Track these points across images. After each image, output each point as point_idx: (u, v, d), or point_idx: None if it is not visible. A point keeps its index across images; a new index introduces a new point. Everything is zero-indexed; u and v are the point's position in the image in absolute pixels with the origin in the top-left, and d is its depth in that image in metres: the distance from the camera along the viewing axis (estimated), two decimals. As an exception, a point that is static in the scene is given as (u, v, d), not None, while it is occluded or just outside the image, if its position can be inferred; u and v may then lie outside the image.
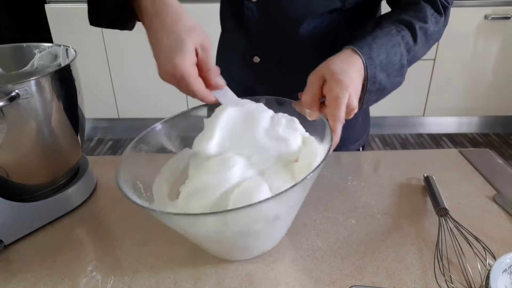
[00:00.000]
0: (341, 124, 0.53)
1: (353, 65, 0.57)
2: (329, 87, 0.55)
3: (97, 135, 2.69)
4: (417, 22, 0.64)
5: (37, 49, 0.70)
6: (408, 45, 0.64)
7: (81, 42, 2.34)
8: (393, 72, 0.63)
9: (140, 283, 0.52)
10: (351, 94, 0.54)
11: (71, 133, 0.64)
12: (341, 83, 0.54)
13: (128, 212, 0.65)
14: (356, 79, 0.57)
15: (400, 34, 0.63)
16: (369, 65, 0.59)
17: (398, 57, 0.62)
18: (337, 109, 0.53)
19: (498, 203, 0.65)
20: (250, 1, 0.71)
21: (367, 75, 0.59)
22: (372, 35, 0.62)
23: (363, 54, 0.58)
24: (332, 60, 0.58)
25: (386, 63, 0.61)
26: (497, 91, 2.49)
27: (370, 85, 0.60)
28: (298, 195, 0.50)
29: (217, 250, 0.55)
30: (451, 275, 0.51)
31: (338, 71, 0.55)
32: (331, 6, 0.69)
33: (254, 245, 0.54)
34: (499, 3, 2.26)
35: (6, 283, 0.52)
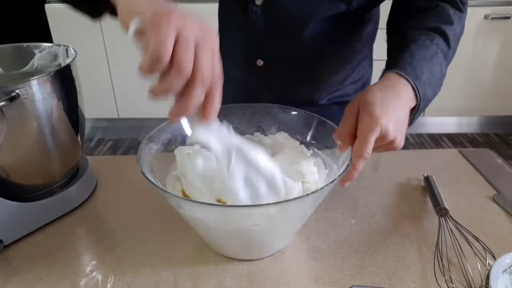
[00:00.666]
0: (363, 161, 0.50)
1: (394, 91, 0.53)
2: (360, 119, 0.51)
3: (97, 135, 2.69)
4: (445, 26, 0.61)
5: (37, 49, 0.70)
6: (444, 52, 0.60)
7: (81, 42, 2.34)
8: (436, 83, 0.59)
9: (140, 283, 0.52)
10: (385, 126, 0.50)
11: (71, 133, 0.64)
12: (372, 115, 0.50)
13: (128, 212, 0.65)
14: (396, 108, 0.52)
15: (434, 43, 0.60)
16: (418, 85, 0.55)
17: (438, 68, 0.59)
18: (363, 143, 0.49)
19: (498, 203, 0.65)
20: (255, 4, 0.70)
21: (419, 95, 0.55)
22: (407, 51, 0.58)
23: (409, 76, 0.54)
24: (370, 88, 0.53)
25: (430, 77, 0.57)
26: (497, 91, 2.49)
27: (421, 103, 0.57)
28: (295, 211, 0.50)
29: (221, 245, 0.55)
30: (451, 275, 0.51)
31: (372, 102, 0.51)
32: (336, 9, 0.68)
33: (254, 245, 0.54)
34: (499, 3, 2.26)
35: (6, 283, 0.52)
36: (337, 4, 0.68)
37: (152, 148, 0.56)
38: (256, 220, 0.47)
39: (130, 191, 0.70)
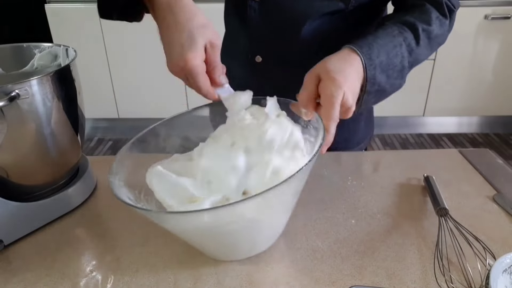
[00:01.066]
0: (334, 123, 0.52)
1: (350, 64, 0.56)
2: (323, 86, 0.54)
3: (97, 135, 2.69)
4: (421, 24, 0.63)
5: (37, 49, 0.70)
6: (410, 47, 0.63)
7: (81, 42, 2.34)
8: (393, 74, 0.62)
9: (140, 283, 0.52)
10: (346, 92, 0.53)
11: (71, 133, 0.64)
12: (335, 81, 0.53)
13: (128, 212, 0.65)
14: (353, 78, 0.56)
15: (402, 36, 0.62)
16: (368, 65, 0.58)
17: (399, 59, 0.61)
18: (331, 107, 0.52)
19: (498, 203, 0.65)
20: (253, 0, 0.71)
21: (367, 75, 0.58)
22: (374, 35, 0.61)
23: (363, 54, 0.58)
24: (328, 58, 0.57)
25: (386, 64, 0.60)
26: (497, 91, 2.49)
27: (369, 86, 0.59)
28: (278, 198, 0.49)
29: (209, 249, 0.55)
30: (451, 275, 0.51)
31: (333, 70, 0.54)
32: (333, 7, 0.69)
33: (241, 245, 0.54)
34: (499, 3, 2.26)
35: (6, 283, 0.52)
36: (335, 2, 0.68)
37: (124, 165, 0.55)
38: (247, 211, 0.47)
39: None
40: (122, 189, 0.50)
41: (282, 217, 0.55)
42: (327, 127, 0.52)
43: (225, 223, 0.47)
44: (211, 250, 0.55)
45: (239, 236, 0.51)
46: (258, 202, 0.44)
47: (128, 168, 0.54)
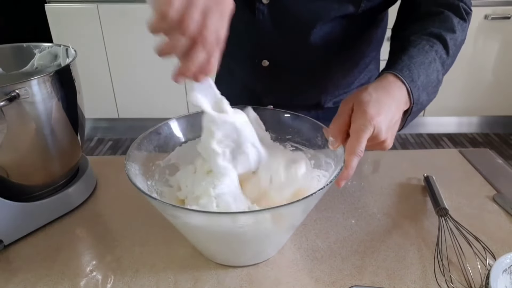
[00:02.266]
0: (357, 158, 0.49)
1: (389, 93, 0.53)
2: (354, 118, 0.51)
3: (97, 135, 2.69)
4: (447, 34, 0.61)
5: (37, 49, 0.70)
6: (442, 59, 0.61)
7: (81, 42, 2.34)
8: (431, 89, 0.60)
9: (140, 283, 0.52)
10: (378, 126, 0.50)
11: (71, 133, 0.64)
12: (365, 114, 0.50)
13: (128, 212, 0.65)
14: (389, 109, 0.52)
15: (434, 49, 0.60)
16: (413, 88, 0.55)
17: (435, 74, 0.60)
18: (356, 141, 0.49)
19: (498, 203, 0.65)
20: (262, 3, 0.69)
21: (413, 99, 0.55)
22: (407, 54, 0.58)
23: (405, 78, 0.55)
24: (366, 87, 0.54)
25: (426, 83, 0.58)
26: (497, 91, 2.49)
27: (414, 107, 0.57)
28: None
29: (213, 252, 0.55)
30: (451, 275, 0.51)
31: (367, 101, 0.51)
32: (344, 11, 0.67)
33: (246, 252, 0.54)
34: (499, 3, 2.26)
35: (6, 283, 0.52)
36: (345, 6, 0.67)
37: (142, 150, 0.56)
38: (247, 224, 0.47)
39: (130, 191, 0.69)
40: (138, 177, 0.50)
41: (289, 232, 0.55)
42: (348, 161, 0.49)
43: (237, 227, 0.47)
44: (215, 254, 0.55)
45: (245, 243, 0.51)
46: (272, 215, 0.45)
47: (142, 159, 0.54)
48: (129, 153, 0.52)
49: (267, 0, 0.68)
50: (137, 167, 0.53)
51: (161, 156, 0.59)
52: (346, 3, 0.66)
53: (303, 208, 0.50)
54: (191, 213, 0.46)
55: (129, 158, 0.51)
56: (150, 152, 0.57)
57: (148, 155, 0.57)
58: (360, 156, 0.50)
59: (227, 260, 0.55)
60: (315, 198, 0.46)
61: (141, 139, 0.56)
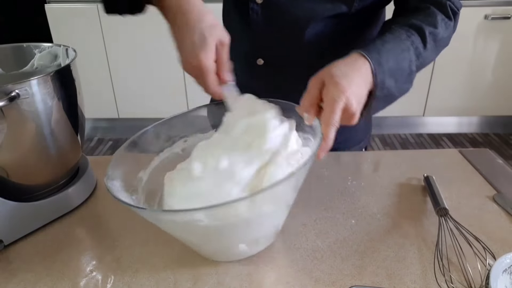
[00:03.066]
0: (333, 129, 0.51)
1: (357, 69, 0.55)
2: (326, 90, 0.53)
3: (97, 135, 2.69)
4: (427, 27, 0.63)
5: (37, 49, 0.70)
6: (418, 51, 0.62)
7: (81, 42, 2.34)
8: (401, 78, 0.61)
9: (140, 283, 0.52)
10: (349, 98, 0.52)
11: (71, 133, 0.64)
12: (338, 86, 0.52)
13: (128, 212, 0.65)
14: (358, 84, 0.54)
15: (410, 39, 0.61)
16: (378, 70, 0.56)
17: (407, 63, 0.61)
18: (331, 113, 0.51)
19: (498, 203, 0.65)
20: (255, 3, 0.71)
21: (376, 81, 0.57)
22: (382, 39, 0.60)
23: (372, 59, 0.56)
24: (335, 63, 0.56)
25: (395, 69, 0.59)
26: (497, 91, 2.49)
27: (378, 91, 0.58)
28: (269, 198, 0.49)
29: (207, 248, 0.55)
30: (451, 275, 0.51)
31: (338, 74, 0.53)
32: (336, 10, 0.68)
33: (238, 245, 0.53)
34: (499, 3, 2.26)
35: (6, 283, 0.52)
36: (338, 5, 0.68)
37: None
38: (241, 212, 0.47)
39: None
40: (120, 192, 0.50)
41: (278, 217, 0.55)
42: (325, 132, 0.51)
43: (220, 221, 0.47)
44: (209, 250, 0.55)
45: (234, 236, 0.51)
46: (253, 201, 0.45)
47: (125, 170, 0.54)
48: (109, 172, 0.52)
49: (260, 0, 0.69)
50: (118, 184, 0.52)
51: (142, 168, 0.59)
52: (338, 3, 0.67)
53: (293, 186, 0.50)
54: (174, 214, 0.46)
55: (108, 177, 0.51)
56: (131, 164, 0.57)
57: (128, 169, 0.56)
58: (336, 126, 0.51)
59: (226, 255, 0.55)
60: (302, 173, 0.47)
61: (118, 156, 0.55)
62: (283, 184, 0.45)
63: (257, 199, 0.45)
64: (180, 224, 0.48)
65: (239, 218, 0.47)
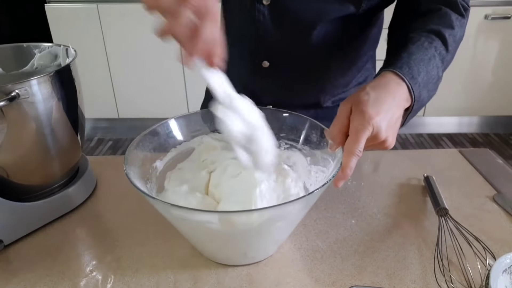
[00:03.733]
0: (355, 159, 0.49)
1: (390, 92, 0.53)
2: (352, 119, 0.51)
3: (97, 135, 2.69)
4: (446, 30, 0.61)
5: (37, 49, 0.70)
6: (442, 55, 0.61)
7: (81, 42, 2.34)
8: (431, 86, 0.59)
9: (140, 283, 0.52)
10: (377, 125, 0.50)
11: (71, 133, 0.64)
12: (364, 114, 0.49)
13: (128, 212, 0.65)
14: (390, 109, 0.52)
15: (433, 46, 0.60)
16: (413, 85, 0.55)
17: (435, 71, 0.59)
18: (354, 142, 0.49)
19: (498, 203, 0.65)
20: (262, 4, 0.69)
21: (414, 96, 0.55)
22: (406, 51, 0.58)
23: (406, 76, 0.54)
24: (364, 87, 0.53)
25: (426, 80, 0.57)
26: (497, 91, 2.49)
27: (415, 105, 0.56)
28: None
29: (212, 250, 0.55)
30: (451, 275, 0.51)
31: (364, 101, 0.50)
32: (345, 11, 0.67)
33: (246, 251, 0.54)
34: (499, 3, 2.26)
35: (6, 283, 0.52)
36: (346, 6, 0.66)
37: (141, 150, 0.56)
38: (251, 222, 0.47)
39: (130, 191, 0.70)
40: (136, 180, 0.50)
41: (288, 230, 0.56)
42: (345, 161, 0.49)
43: (236, 227, 0.47)
44: (215, 253, 0.55)
45: (242, 244, 0.51)
46: (270, 214, 0.46)
47: (139, 161, 0.55)
48: (127, 156, 0.52)
49: (267, 1, 0.68)
50: (136, 170, 0.53)
51: (158, 157, 0.60)
52: (347, 3, 0.66)
53: (303, 205, 0.50)
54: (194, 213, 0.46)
55: (127, 161, 0.51)
56: (148, 153, 0.57)
57: (145, 157, 0.57)
58: (358, 156, 0.49)
59: (228, 259, 0.55)
60: (315, 196, 0.47)
61: (138, 141, 0.56)
62: (296, 203, 0.46)
63: (269, 213, 0.45)
64: (193, 223, 0.48)
65: (250, 227, 0.47)
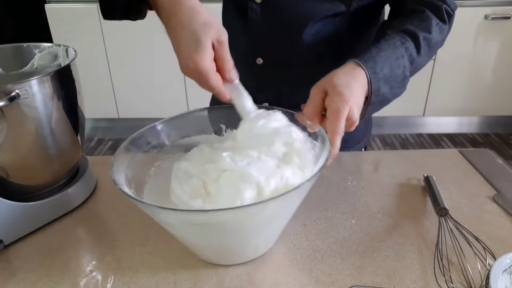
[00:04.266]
0: (340, 136, 0.53)
1: (356, 78, 0.57)
2: (330, 100, 0.55)
3: (97, 135, 2.69)
4: (421, 33, 0.64)
5: (37, 49, 0.70)
6: (412, 57, 0.64)
7: (81, 42, 2.34)
8: (395, 84, 0.63)
9: (140, 283, 0.52)
10: (352, 107, 0.54)
11: (71, 133, 0.64)
12: (342, 96, 0.54)
13: (128, 212, 0.65)
14: (359, 93, 0.57)
15: (404, 46, 0.63)
16: (373, 79, 0.59)
17: (401, 69, 0.63)
18: (337, 121, 0.53)
19: (498, 203, 0.65)
20: (254, 2, 0.71)
21: (371, 89, 0.59)
22: (377, 47, 0.62)
23: (368, 69, 0.58)
24: (334, 73, 0.58)
25: (389, 76, 0.61)
26: (497, 91, 2.49)
27: (373, 97, 0.60)
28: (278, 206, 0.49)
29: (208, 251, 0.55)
30: (451, 275, 0.51)
31: (340, 84, 0.55)
32: (335, 9, 0.69)
33: (240, 249, 0.54)
34: (499, 3, 2.26)
35: (6, 283, 0.52)
36: (337, 5, 0.68)
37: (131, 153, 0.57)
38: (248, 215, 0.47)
39: (130, 191, 0.70)
40: (124, 186, 0.51)
41: (282, 223, 0.55)
42: (332, 140, 0.52)
43: (226, 225, 0.47)
44: (210, 254, 0.55)
45: (238, 240, 0.51)
46: (262, 208, 0.45)
47: (128, 166, 0.55)
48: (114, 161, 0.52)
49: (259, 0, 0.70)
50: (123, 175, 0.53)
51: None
52: (337, 2, 0.68)
53: (299, 192, 0.50)
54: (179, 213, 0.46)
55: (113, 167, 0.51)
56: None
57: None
58: (342, 134, 0.53)
59: (227, 259, 0.55)
60: (310, 183, 0.47)
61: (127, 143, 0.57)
62: (295, 192, 0.45)
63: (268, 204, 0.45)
64: (178, 222, 0.48)
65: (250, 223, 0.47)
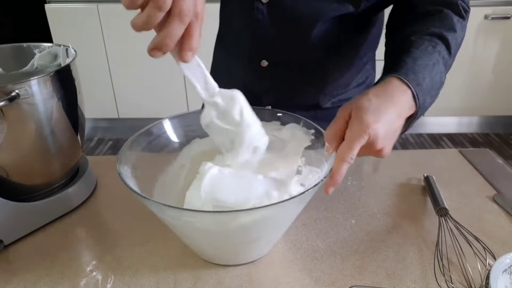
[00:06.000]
0: (345, 165, 0.48)
1: (392, 99, 0.51)
2: (350, 125, 0.50)
3: (97, 135, 2.69)
4: (448, 33, 0.59)
5: (37, 49, 0.70)
6: (445, 60, 0.59)
7: (81, 42, 2.34)
8: (434, 92, 0.57)
9: (140, 283, 0.52)
10: (373, 134, 0.48)
11: (71, 133, 0.64)
12: (362, 122, 0.48)
13: (128, 212, 0.65)
14: (390, 118, 0.50)
15: (436, 50, 0.58)
16: (419, 92, 0.53)
17: (439, 76, 0.58)
18: (347, 148, 0.48)
19: (498, 203, 0.65)
20: (261, 2, 0.69)
21: (419, 103, 0.53)
22: (410, 56, 0.56)
23: (411, 82, 0.52)
24: (367, 92, 0.52)
25: (431, 86, 0.55)
26: (497, 91, 2.49)
27: (420, 112, 0.55)
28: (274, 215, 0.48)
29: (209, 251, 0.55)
30: (451, 275, 0.51)
31: (365, 108, 0.49)
32: (343, 10, 0.67)
33: (241, 250, 0.54)
34: (499, 3, 2.26)
35: (6, 283, 0.52)
36: (345, 5, 0.66)
37: (136, 150, 0.56)
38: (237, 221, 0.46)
39: (130, 191, 0.70)
40: (130, 180, 0.50)
41: (281, 229, 0.55)
42: (336, 167, 0.48)
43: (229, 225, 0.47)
44: (211, 253, 0.55)
45: (238, 241, 0.51)
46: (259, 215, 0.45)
47: (133, 161, 0.55)
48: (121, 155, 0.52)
49: (266, 0, 0.68)
50: (129, 170, 0.52)
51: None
52: (346, 3, 0.66)
53: (297, 204, 0.50)
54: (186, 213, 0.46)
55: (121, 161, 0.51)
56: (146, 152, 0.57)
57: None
58: (350, 163, 0.48)
59: (227, 260, 0.55)
60: (308, 195, 0.47)
61: (132, 140, 0.56)
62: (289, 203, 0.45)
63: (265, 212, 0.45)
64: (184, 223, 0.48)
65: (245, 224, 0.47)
